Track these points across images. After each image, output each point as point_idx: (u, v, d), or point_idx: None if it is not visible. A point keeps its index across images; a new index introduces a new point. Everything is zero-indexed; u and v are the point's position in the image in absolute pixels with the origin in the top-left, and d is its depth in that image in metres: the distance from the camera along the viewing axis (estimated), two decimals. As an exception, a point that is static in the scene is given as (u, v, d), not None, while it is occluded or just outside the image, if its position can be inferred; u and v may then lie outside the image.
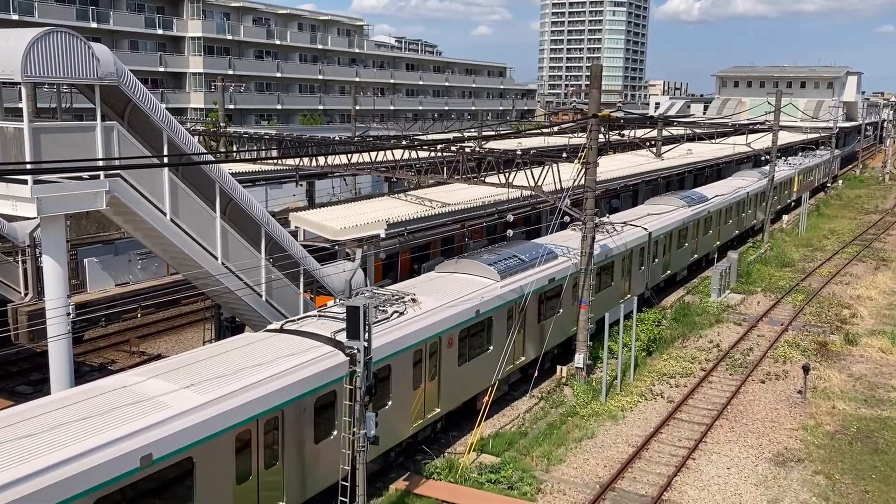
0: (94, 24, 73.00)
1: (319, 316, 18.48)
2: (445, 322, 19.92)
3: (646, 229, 33.09)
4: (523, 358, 24.20)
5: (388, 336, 17.89)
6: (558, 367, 26.02)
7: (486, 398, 21.40)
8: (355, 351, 14.71)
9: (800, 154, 75.95)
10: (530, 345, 24.50)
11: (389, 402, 18.08)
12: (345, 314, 15.34)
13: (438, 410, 20.25)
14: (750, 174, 54.94)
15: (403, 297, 20.05)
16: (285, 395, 15.05)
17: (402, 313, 19.04)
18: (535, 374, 24.43)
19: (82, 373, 25.23)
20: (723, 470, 20.21)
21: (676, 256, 37.27)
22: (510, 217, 29.05)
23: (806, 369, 25.27)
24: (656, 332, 30.21)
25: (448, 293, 21.18)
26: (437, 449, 20.48)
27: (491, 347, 22.22)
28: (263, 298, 22.71)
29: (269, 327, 18.21)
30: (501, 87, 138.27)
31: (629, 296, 30.31)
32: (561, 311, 25.82)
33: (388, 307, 19.24)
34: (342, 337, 15.90)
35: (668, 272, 36.56)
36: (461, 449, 20.40)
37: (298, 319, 18.48)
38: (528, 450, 20.77)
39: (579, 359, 25.41)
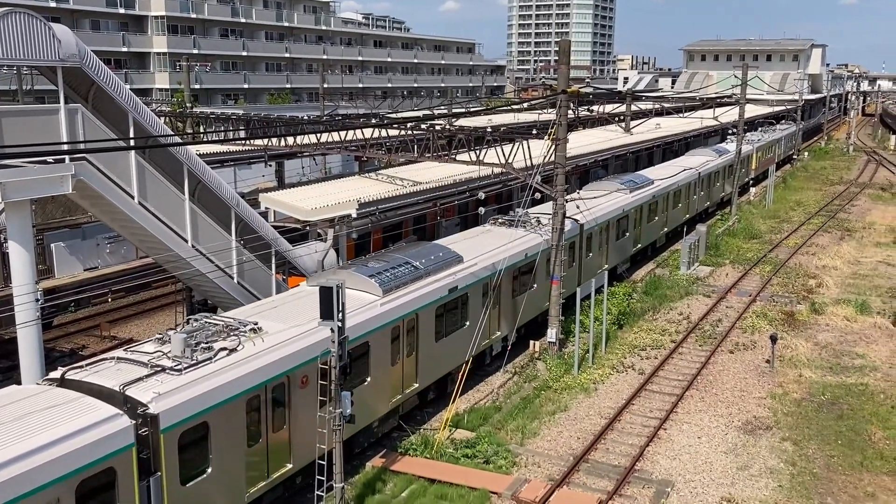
0: (52, 4, 71.39)
1: (118, 359, 14.48)
2: (296, 357, 15.93)
3: (577, 221, 29.54)
4: (416, 385, 20.60)
5: (206, 384, 14.00)
6: (531, 342, 26.27)
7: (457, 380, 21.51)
8: (145, 414, 12.94)
9: (759, 129, 73.16)
10: (426, 372, 20.90)
11: (209, 470, 14.14)
12: (151, 356, 14.12)
13: (291, 466, 16.22)
14: (703, 152, 51.77)
15: (242, 327, 16.02)
16: None
17: (233, 350, 15.16)
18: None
19: (52, 359, 24.99)
20: (693, 439, 20.61)
21: (615, 249, 33.86)
22: (482, 195, 29.13)
23: (773, 339, 25.77)
24: (627, 305, 30.57)
25: (310, 315, 17.00)
26: (413, 425, 20.63)
27: (369, 379, 18.22)
28: (235, 280, 22.62)
29: (50, 375, 14.02)
30: (470, 63, 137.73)
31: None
32: (466, 324, 22.41)
33: (214, 343, 15.18)
34: (139, 389, 13.19)
35: (606, 266, 32.65)
36: (437, 425, 20.58)
37: (90, 364, 14.33)
38: (502, 424, 21.01)
39: (551, 333, 25.68)
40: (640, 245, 37.08)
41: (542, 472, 18.68)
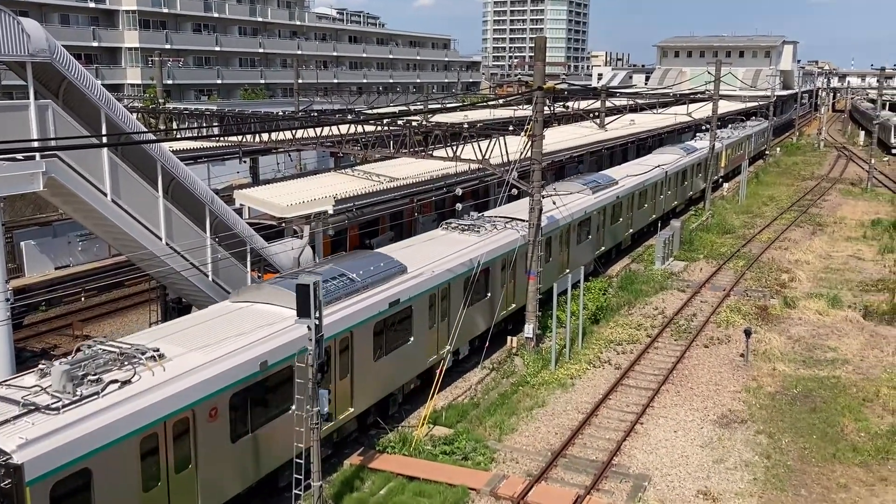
0: (21, -2, 70.21)
1: None
2: (203, 388, 14.15)
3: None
4: (351, 409, 18.76)
5: (88, 424, 12.22)
6: (509, 338, 26.31)
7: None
8: (7, 464, 11.50)
9: (729, 126, 71.82)
10: (363, 395, 19.08)
11: None
12: (27, 392, 12.43)
13: None
14: (671, 150, 50.35)
15: (139, 355, 14.04)
16: None
17: (126, 382, 13.30)
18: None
19: (24, 359, 24.60)
20: (670, 433, 20.77)
21: (577, 252, 32.11)
22: (458, 191, 29.10)
23: (747, 333, 26.04)
24: (603, 300, 30.73)
25: (223, 337, 15.45)
26: (391, 423, 20.59)
27: (294, 408, 16.30)
28: (210, 278, 22.40)
29: None
30: (446, 59, 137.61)
31: (509, 309, 26.22)
32: (410, 340, 20.80)
33: (105, 375, 13.37)
34: (2, 435, 11.49)
35: (567, 271, 29.71)
36: (415, 422, 20.55)
37: None
38: (480, 420, 21.03)
39: (528, 329, 25.74)
40: (603, 248, 35.56)
41: (521, 468, 18.73)
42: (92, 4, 78.09)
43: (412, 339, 20.87)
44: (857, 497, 17.90)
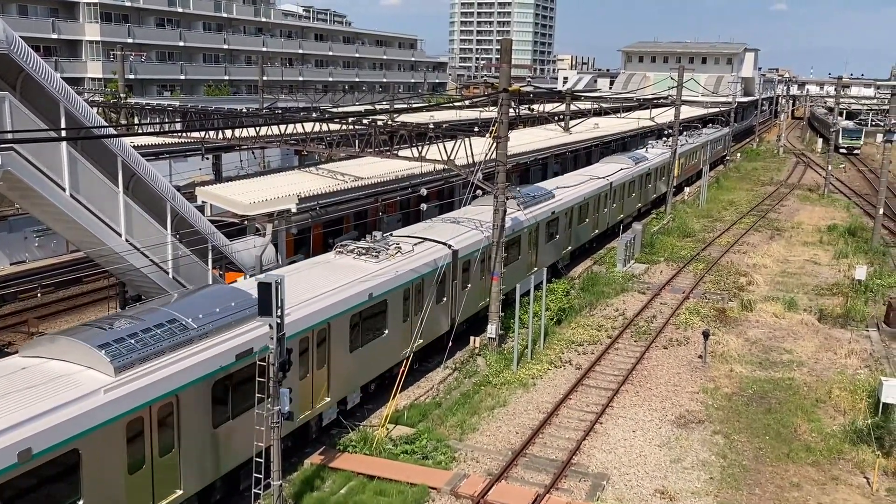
0: (-22, -13, 68.70)
1: None
2: None
3: (449, 247, 24.70)
4: (179, 492, 14.82)
5: None
6: (471, 338, 26.41)
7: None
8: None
9: (683, 133, 67.73)
10: (194, 476, 15.16)
11: None
12: None
13: None
14: (618, 160, 47.71)
15: None
16: None
17: None
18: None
19: (-23, 356, 24.04)
20: (628, 433, 21.03)
21: (506, 275, 27.55)
22: (423, 191, 29.15)
23: (706, 335, 26.46)
24: (565, 301, 30.99)
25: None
26: (352, 422, 20.55)
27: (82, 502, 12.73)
28: (170, 276, 22.15)
29: None
30: (413, 59, 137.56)
31: (411, 348, 22.65)
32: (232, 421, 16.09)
33: None
34: None
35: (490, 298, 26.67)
36: (377, 422, 20.53)
37: None
38: (442, 420, 21.09)
39: (491, 329, 25.87)
40: (535, 269, 30.81)
41: (481, 467, 18.82)
42: (52, -4, 76.69)
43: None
44: (809, 496, 18.31)
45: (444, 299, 24.58)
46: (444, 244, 24.67)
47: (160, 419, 14.24)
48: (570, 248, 36.86)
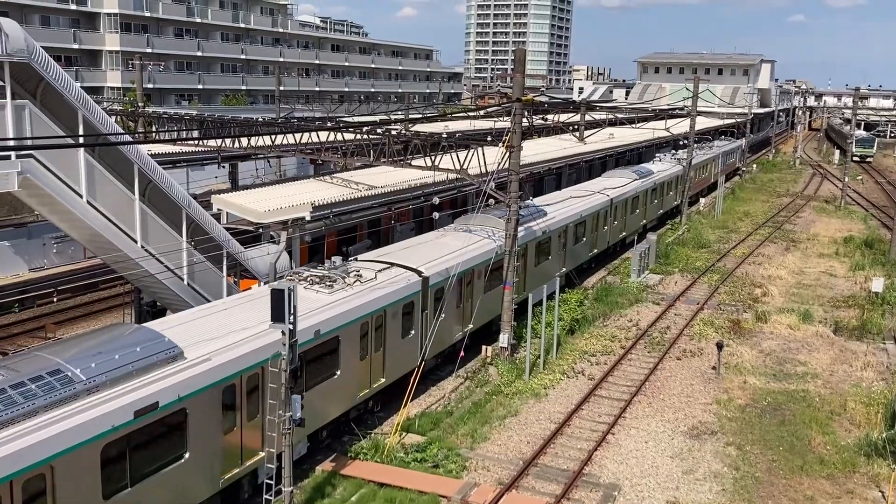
0: (1, -2, 69.71)
1: None
2: None
3: (419, 274, 22.20)
4: None
5: None
6: (483, 347, 26.42)
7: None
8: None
9: (695, 146, 64.93)
10: None
11: None
12: None
13: None
14: (621, 174, 45.08)
15: None
16: None
17: None
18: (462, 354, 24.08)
19: (-6, 361, 24.32)
20: (641, 444, 20.95)
21: (484, 305, 25.95)
22: (436, 200, 29.23)
23: (720, 346, 26.34)
24: (579, 311, 30.94)
25: None
26: (364, 429, 20.60)
27: None
28: (185, 282, 22.34)
29: None
30: (428, 69, 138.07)
31: (372, 388, 20.50)
32: (183, 459, 14.60)
33: None
34: None
35: (470, 327, 25.21)
36: (388, 429, 20.57)
37: None
38: (453, 428, 21.10)
39: (503, 338, 25.87)
40: (527, 292, 27.43)
41: (492, 477, 18.81)
42: (73, 7, 77.64)
43: (186, 456, 14.61)
44: (823, 509, 18.18)
45: (412, 332, 22.00)
46: (414, 270, 22.24)
47: (27, 497, 11.83)
48: (563, 269, 33.40)
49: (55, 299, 31.56)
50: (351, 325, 19.08)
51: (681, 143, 60.48)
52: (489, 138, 33.23)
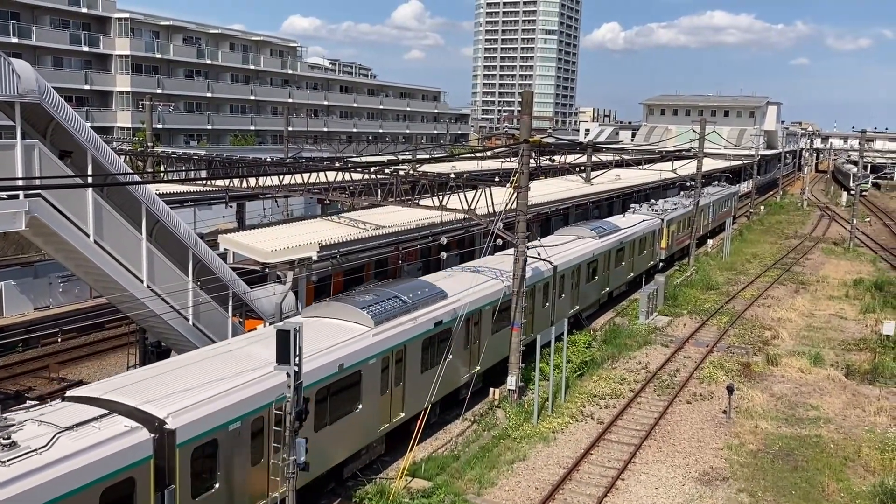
0: (14, 39, 70.70)
1: None
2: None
3: (163, 427, 14.13)
4: None
5: None
6: (491, 390, 26.09)
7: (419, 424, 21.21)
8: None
9: (681, 194, 58.58)
10: None
11: None
12: None
13: None
14: (577, 232, 36.75)
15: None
16: None
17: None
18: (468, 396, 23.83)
19: (-3, 401, 24.11)
20: (651, 490, 20.52)
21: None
22: (444, 240, 29.16)
23: (730, 389, 25.96)
24: (587, 353, 30.63)
25: None
26: (369, 474, 20.24)
27: None
28: (191, 322, 22.18)
29: None
30: (435, 111, 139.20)
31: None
32: None
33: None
34: None
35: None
36: (393, 474, 20.21)
37: None
38: (460, 473, 20.72)
39: (511, 381, 25.55)
40: (479, 369, 24.95)
41: (500, 523, 18.40)
42: (85, 48, 78.75)
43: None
44: (840, 559, 17.68)
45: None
46: (151, 420, 13.81)
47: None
48: (478, 368, 25.17)
49: (59, 339, 31.40)
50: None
51: (688, 184, 60.40)
52: (497, 179, 33.25)
